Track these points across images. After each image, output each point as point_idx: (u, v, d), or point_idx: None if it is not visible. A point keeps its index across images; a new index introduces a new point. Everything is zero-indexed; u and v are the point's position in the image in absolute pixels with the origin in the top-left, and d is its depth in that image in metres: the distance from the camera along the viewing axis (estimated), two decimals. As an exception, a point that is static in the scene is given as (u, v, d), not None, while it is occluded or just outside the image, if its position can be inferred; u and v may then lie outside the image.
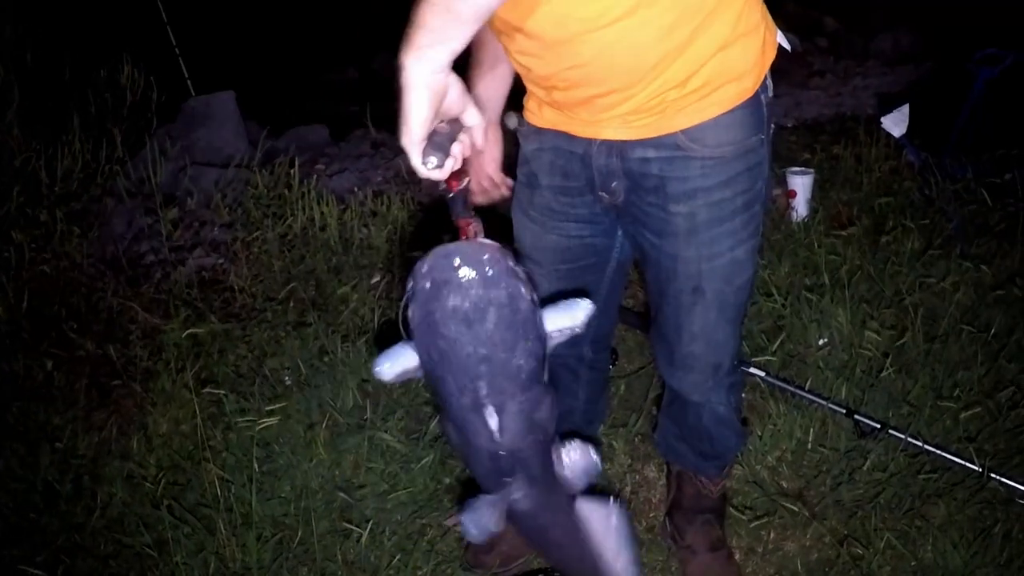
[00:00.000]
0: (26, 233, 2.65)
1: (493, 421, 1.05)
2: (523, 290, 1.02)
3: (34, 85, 2.99)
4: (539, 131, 1.41)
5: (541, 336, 1.06)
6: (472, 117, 1.04)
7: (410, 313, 1.03)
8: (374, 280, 2.70)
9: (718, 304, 1.42)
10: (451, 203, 1.07)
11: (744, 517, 1.91)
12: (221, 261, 2.91)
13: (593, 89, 1.25)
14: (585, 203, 1.42)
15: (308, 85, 5.60)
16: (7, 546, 1.84)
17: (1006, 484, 1.89)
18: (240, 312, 2.59)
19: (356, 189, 3.30)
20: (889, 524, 1.87)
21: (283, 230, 2.88)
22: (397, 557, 1.82)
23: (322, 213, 2.91)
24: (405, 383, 2.24)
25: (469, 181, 1.09)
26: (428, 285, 0.99)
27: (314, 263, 2.75)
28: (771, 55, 1.31)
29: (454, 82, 1.00)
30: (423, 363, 1.06)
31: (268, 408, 2.11)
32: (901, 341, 2.32)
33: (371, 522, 1.87)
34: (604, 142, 1.32)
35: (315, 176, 3.39)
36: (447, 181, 1.04)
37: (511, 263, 1.01)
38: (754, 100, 1.29)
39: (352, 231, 2.89)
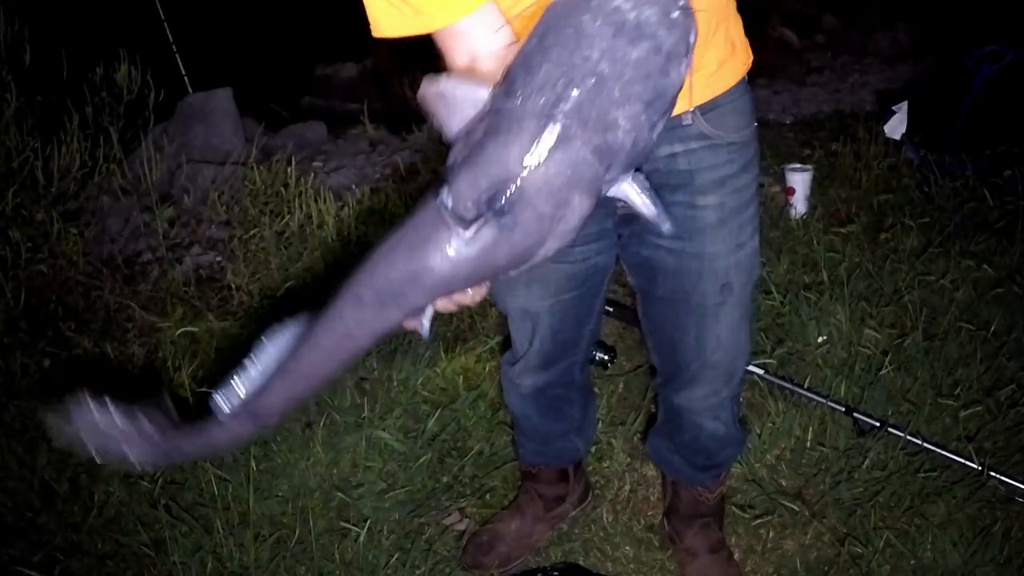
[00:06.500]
0: (23, 232, 2.64)
1: (550, 136, 0.80)
2: (679, 68, 0.81)
3: (31, 84, 2.97)
4: None
5: (650, 132, 0.85)
6: None
7: None
8: (372, 278, 2.69)
9: (742, 300, 1.41)
10: None
11: (743, 516, 1.91)
12: (218, 259, 2.90)
13: None
14: (595, 219, 1.38)
15: (305, 82, 5.60)
16: (4, 546, 1.83)
17: (1005, 482, 1.89)
18: (237, 310, 2.58)
19: (354, 186, 3.29)
20: (888, 522, 1.87)
21: (280, 228, 2.87)
22: (395, 556, 1.81)
23: (320, 211, 2.90)
24: (402, 382, 2.24)
25: None
26: None
27: (312, 261, 2.74)
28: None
29: None
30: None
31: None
32: (900, 339, 2.32)
33: (369, 521, 1.87)
34: None
35: (312, 173, 3.38)
36: None
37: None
38: (745, 82, 1.31)
39: (350, 229, 2.88)
